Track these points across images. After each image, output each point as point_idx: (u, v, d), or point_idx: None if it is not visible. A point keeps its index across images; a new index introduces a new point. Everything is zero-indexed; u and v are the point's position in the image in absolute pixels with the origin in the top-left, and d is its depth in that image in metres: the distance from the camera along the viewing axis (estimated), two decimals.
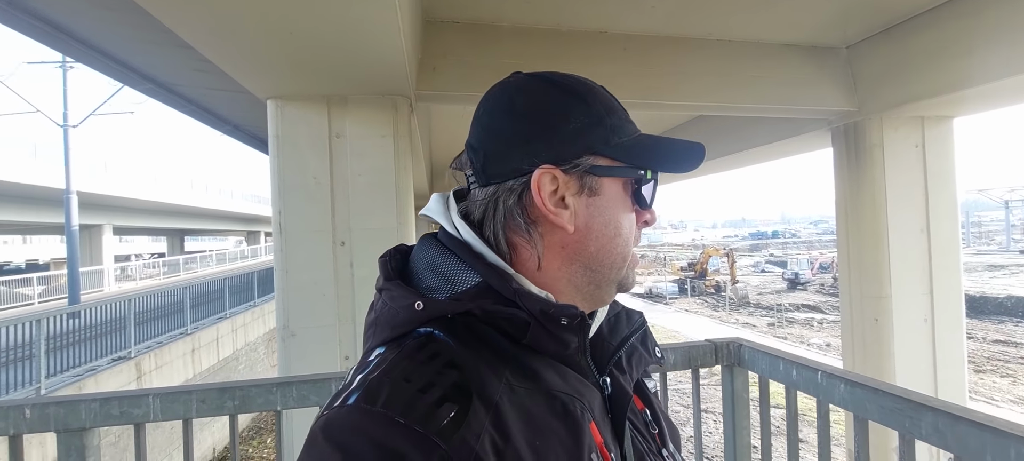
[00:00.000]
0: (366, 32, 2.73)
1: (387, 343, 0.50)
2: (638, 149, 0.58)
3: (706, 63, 4.32)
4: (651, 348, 0.68)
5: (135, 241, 52.06)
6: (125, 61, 5.44)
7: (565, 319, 0.51)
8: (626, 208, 0.58)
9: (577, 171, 0.56)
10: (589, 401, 0.52)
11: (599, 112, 0.57)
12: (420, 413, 0.41)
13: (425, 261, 0.57)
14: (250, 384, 1.16)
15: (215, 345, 9.57)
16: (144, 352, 7.36)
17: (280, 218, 3.69)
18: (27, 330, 5.85)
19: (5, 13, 3.94)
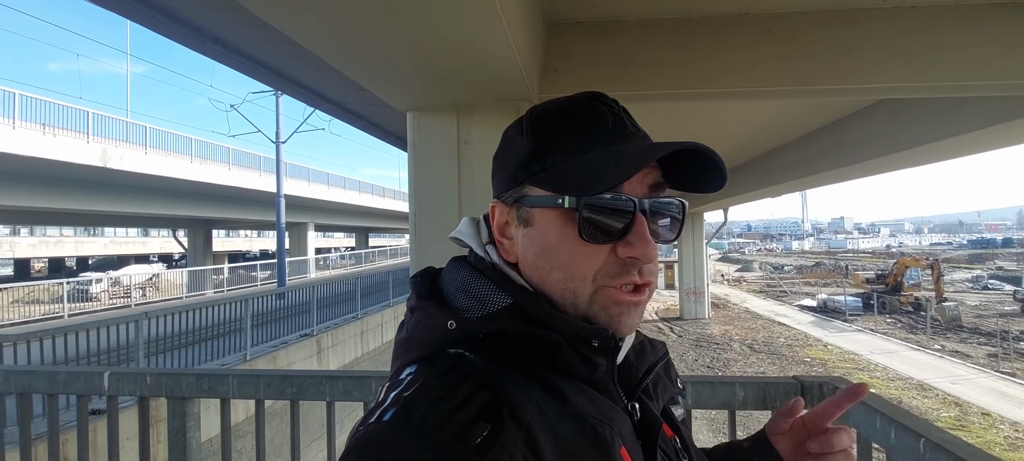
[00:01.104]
0: (480, 45, 2.87)
1: (419, 362, 0.52)
2: (567, 173, 0.55)
3: (878, 37, 3.62)
4: (674, 378, 0.69)
5: (335, 237, 61.80)
6: (310, 87, 6.52)
7: (596, 341, 0.52)
8: (566, 240, 0.55)
9: (512, 203, 0.59)
10: (619, 426, 0.52)
11: (529, 142, 0.58)
12: (454, 431, 0.42)
13: (456, 283, 0.60)
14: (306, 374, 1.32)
15: (380, 329, 10.96)
16: (324, 331, 8.75)
17: (415, 219, 4.06)
18: (239, 308, 7.36)
19: (237, 61, 5.04)
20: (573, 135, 0.57)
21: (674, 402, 0.69)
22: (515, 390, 0.48)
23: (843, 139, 7.05)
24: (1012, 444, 10.45)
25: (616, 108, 0.60)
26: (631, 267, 0.54)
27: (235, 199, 19.99)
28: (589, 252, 0.54)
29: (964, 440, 0.95)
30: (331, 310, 9.36)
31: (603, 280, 0.54)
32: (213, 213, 20.10)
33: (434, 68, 3.29)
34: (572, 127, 0.57)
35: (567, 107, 0.60)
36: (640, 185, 0.55)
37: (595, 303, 0.54)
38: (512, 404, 0.46)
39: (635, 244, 0.53)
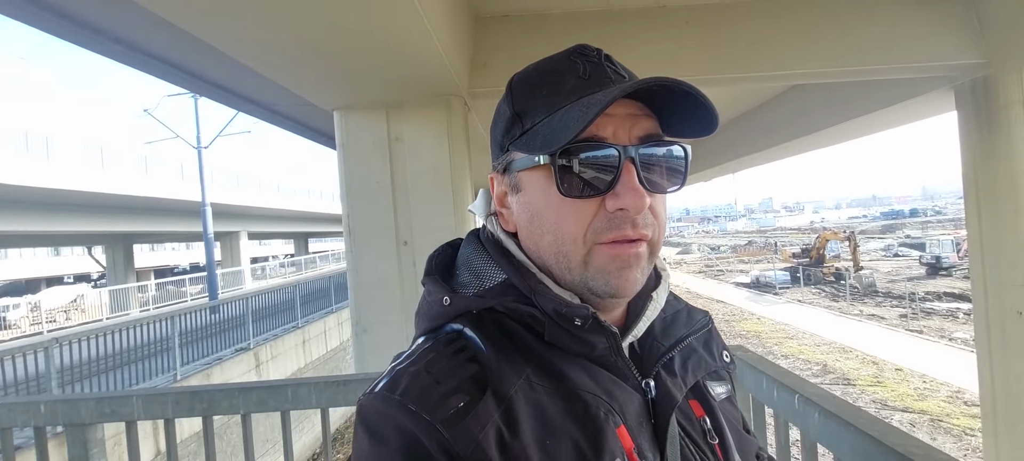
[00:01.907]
0: (401, 40, 2.80)
1: (424, 335, 0.54)
2: (542, 130, 0.53)
3: (789, 26, 3.84)
4: (717, 351, 0.65)
5: (271, 244, 58.92)
6: (231, 88, 6.14)
7: (578, 320, 0.50)
8: (551, 199, 0.53)
9: (503, 171, 0.58)
10: (621, 404, 0.51)
11: (516, 103, 0.57)
12: (430, 402, 0.45)
13: (463, 257, 0.61)
14: (216, 389, 1.25)
15: (323, 337, 10.56)
16: (262, 343, 8.33)
17: (349, 221, 3.93)
18: (165, 326, 6.88)
19: (144, 61, 4.65)
20: (548, 92, 0.55)
21: (717, 378, 0.64)
22: (504, 365, 0.49)
23: (763, 123, 7.49)
24: (921, 394, 11.55)
25: (595, 57, 0.57)
26: (622, 221, 0.51)
27: (156, 210, 18.56)
28: (575, 209, 0.52)
29: (832, 394, 1.02)
30: (269, 321, 8.91)
31: (594, 238, 0.51)
32: (132, 226, 18.59)
33: (356, 66, 3.18)
34: (547, 84, 0.55)
35: (543, 65, 0.58)
36: (627, 133, 0.52)
37: (590, 265, 0.52)
38: (497, 379, 0.47)
39: (622, 194, 0.50)
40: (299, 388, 1.24)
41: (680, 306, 0.64)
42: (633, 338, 0.57)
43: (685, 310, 0.64)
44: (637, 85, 0.49)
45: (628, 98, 0.53)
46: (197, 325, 7.80)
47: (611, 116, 0.52)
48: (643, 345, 0.58)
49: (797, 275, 26.76)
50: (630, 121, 0.53)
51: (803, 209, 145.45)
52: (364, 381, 1.26)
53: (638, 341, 0.58)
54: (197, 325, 7.80)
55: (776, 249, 39.96)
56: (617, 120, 0.52)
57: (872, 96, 5.19)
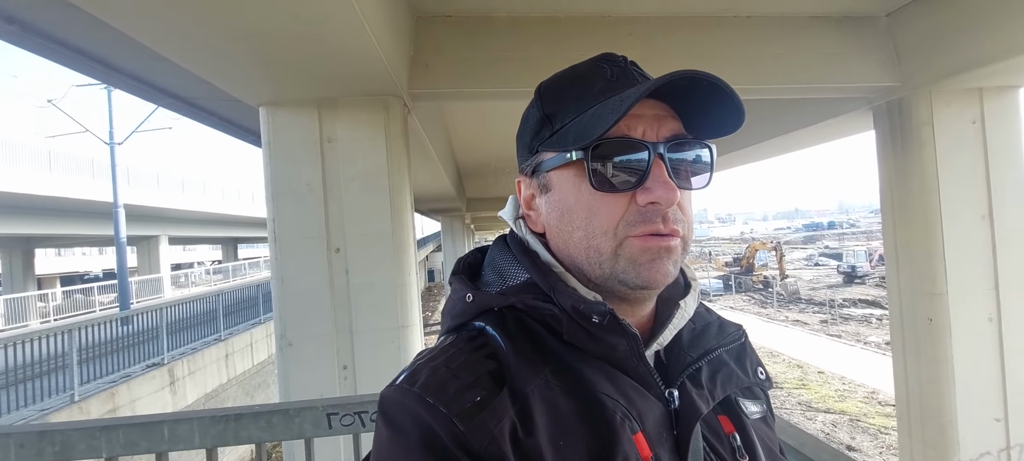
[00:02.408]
0: (333, 33, 2.59)
1: (449, 332, 0.57)
2: (573, 128, 0.55)
3: (724, 43, 3.95)
4: (750, 368, 0.63)
5: (197, 249, 55.15)
6: (148, 80, 5.60)
7: (596, 317, 0.51)
8: (582, 196, 0.54)
9: (531, 173, 0.60)
10: (640, 411, 0.51)
11: (546, 106, 0.58)
12: (447, 397, 0.46)
13: (489, 258, 0.63)
14: (72, 428, 1.02)
15: (249, 350, 9.84)
16: (178, 358, 7.62)
17: (274, 225, 3.63)
18: (62, 340, 6.14)
19: (44, 46, 4.10)
20: (577, 93, 0.57)
21: (751, 395, 0.63)
22: (523, 363, 0.50)
23: None
24: (841, 395, 12.36)
25: (621, 63, 0.59)
26: (653, 214, 0.52)
27: (62, 211, 16.72)
28: (606, 203, 0.53)
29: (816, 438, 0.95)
30: (188, 333, 8.15)
31: (625, 231, 0.53)
32: (33, 229, 16.65)
33: (284, 58, 2.92)
34: (576, 87, 0.57)
35: (571, 71, 0.60)
36: (656, 131, 0.54)
37: (621, 257, 0.53)
38: (515, 376, 0.48)
39: (653, 188, 0.52)
40: (178, 424, 1.03)
41: (712, 318, 0.63)
42: (659, 346, 0.57)
43: (717, 322, 0.63)
44: (669, 78, 0.49)
45: (654, 100, 0.54)
46: (104, 338, 7.02)
47: (640, 116, 0.53)
48: (669, 354, 0.58)
49: (730, 283, 28.17)
50: (657, 122, 0.54)
51: (734, 220, 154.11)
52: (261, 414, 1.06)
53: (664, 350, 0.58)
54: (104, 338, 7.02)
55: (710, 258, 41.96)
56: (646, 121, 0.54)
57: (798, 114, 5.46)
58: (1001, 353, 3.80)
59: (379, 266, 3.62)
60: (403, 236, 3.71)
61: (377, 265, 3.62)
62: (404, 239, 3.72)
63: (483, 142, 8.60)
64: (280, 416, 1.05)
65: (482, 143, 8.68)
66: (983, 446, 3.66)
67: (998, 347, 3.80)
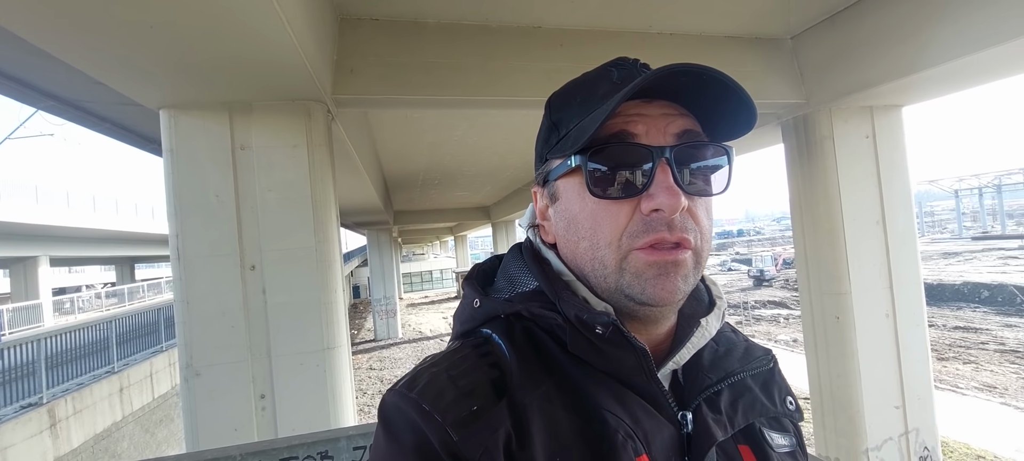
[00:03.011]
0: (244, 28, 2.35)
1: (458, 337, 0.57)
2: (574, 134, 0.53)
3: (649, 57, 3.88)
4: (779, 397, 0.59)
5: (86, 271, 49.38)
6: (23, 79, 4.91)
7: (599, 328, 0.48)
8: (587, 204, 0.52)
9: (542, 182, 0.59)
10: (646, 432, 0.48)
11: (554, 115, 0.57)
12: (443, 404, 0.45)
13: (504, 265, 0.61)
14: None
15: (149, 381, 8.79)
16: (61, 395, 6.64)
17: (178, 242, 3.26)
18: None
19: None
20: (581, 98, 0.55)
21: (779, 427, 0.58)
22: (525, 374, 0.48)
23: None
24: None
25: (629, 65, 0.56)
26: (658, 223, 0.49)
27: None
28: (609, 212, 0.50)
29: None
30: (75, 366, 7.11)
31: (629, 242, 0.50)
32: None
33: (191, 57, 2.61)
34: (581, 92, 0.56)
35: (581, 78, 0.58)
36: (661, 133, 0.51)
37: (626, 271, 0.50)
38: (516, 387, 0.47)
39: (656, 194, 0.49)
40: None
41: (738, 340, 0.61)
42: (675, 365, 0.54)
43: (743, 345, 0.60)
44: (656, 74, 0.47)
45: (663, 100, 0.51)
46: None
47: (643, 115, 0.51)
48: (687, 375, 0.55)
49: None
50: (664, 120, 0.51)
51: None
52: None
53: (682, 371, 0.55)
54: None
55: None
56: (650, 120, 0.51)
57: None
58: (897, 346, 4.19)
59: (301, 284, 3.35)
60: (328, 251, 3.46)
61: (299, 283, 3.35)
62: (329, 254, 3.47)
63: (412, 152, 8.38)
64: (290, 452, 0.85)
65: (411, 153, 8.45)
66: (886, 432, 3.99)
67: (895, 341, 4.19)
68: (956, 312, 18.42)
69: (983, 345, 14.38)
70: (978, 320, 17.05)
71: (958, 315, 18.00)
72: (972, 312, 18.23)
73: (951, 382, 11.69)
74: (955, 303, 19.55)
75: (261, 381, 3.32)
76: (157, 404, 8.92)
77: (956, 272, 23.58)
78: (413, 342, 19.76)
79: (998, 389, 11.14)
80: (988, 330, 15.78)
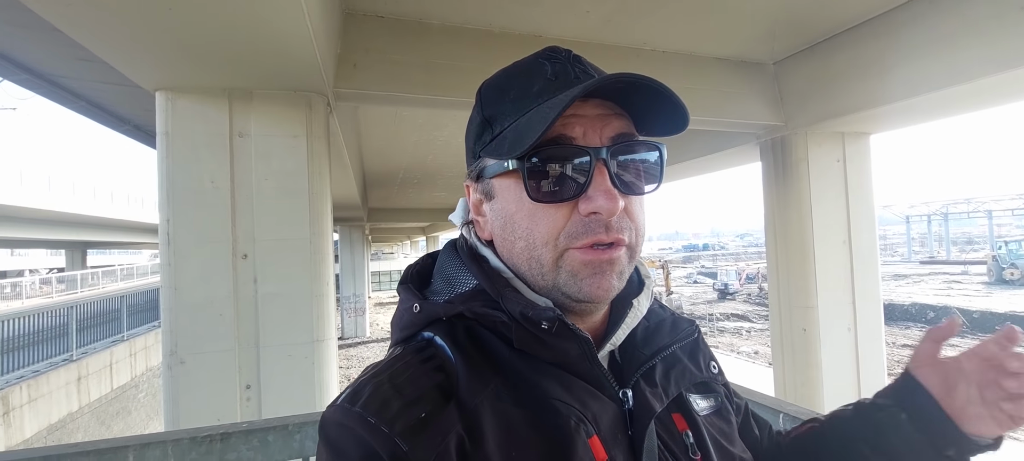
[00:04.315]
0: (264, 16, 2.38)
1: (397, 343, 0.54)
2: (510, 134, 0.52)
3: (641, 72, 4.24)
4: (704, 363, 0.62)
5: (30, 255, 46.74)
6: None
7: (545, 323, 0.49)
8: (523, 204, 0.51)
9: (476, 178, 0.57)
10: (594, 414, 0.49)
11: (479, 111, 0.56)
12: (390, 414, 0.44)
13: (439, 265, 0.59)
14: None
15: (108, 372, 8.43)
16: (14, 383, 6.32)
17: (168, 227, 3.21)
18: None
19: None
20: (515, 95, 0.53)
21: (703, 390, 0.62)
22: (472, 374, 0.47)
23: None
24: None
25: (561, 58, 0.55)
26: (595, 225, 0.50)
27: None
28: (547, 214, 0.50)
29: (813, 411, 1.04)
30: (28, 353, 6.76)
31: (566, 242, 0.50)
32: None
33: (201, 37, 2.60)
34: (514, 87, 0.54)
35: (512, 69, 0.57)
36: (598, 134, 0.51)
37: (562, 270, 0.51)
38: (463, 388, 0.46)
39: (594, 197, 0.49)
40: (147, 449, 0.82)
41: (665, 314, 0.62)
42: (612, 346, 0.55)
43: (670, 318, 0.62)
44: (597, 83, 0.47)
45: (599, 98, 0.52)
46: None
47: (580, 117, 0.50)
48: (624, 353, 0.57)
49: None
50: (600, 122, 0.51)
51: None
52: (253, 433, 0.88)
53: (619, 349, 0.57)
54: None
55: None
56: (587, 121, 0.51)
57: (697, 144, 6.04)
58: (857, 358, 4.47)
59: (294, 275, 3.35)
60: (322, 243, 3.47)
61: (291, 274, 3.34)
62: (323, 246, 3.48)
63: (394, 150, 8.36)
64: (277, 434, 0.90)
65: (393, 151, 8.43)
66: None
67: (855, 353, 4.47)
68: (905, 331, 19.45)
69: None
70: None
71: (906, 334, 19.01)
72: (919, 332, 19.29)
73: None
74: (904, 323, 20.64)
75: (247, 371, 3.30)
76: (115, 395, 8.56)
77: (905, 293, 24.90)
78: (381, 341, 19.53)
79: None
80: None
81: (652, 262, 36.13)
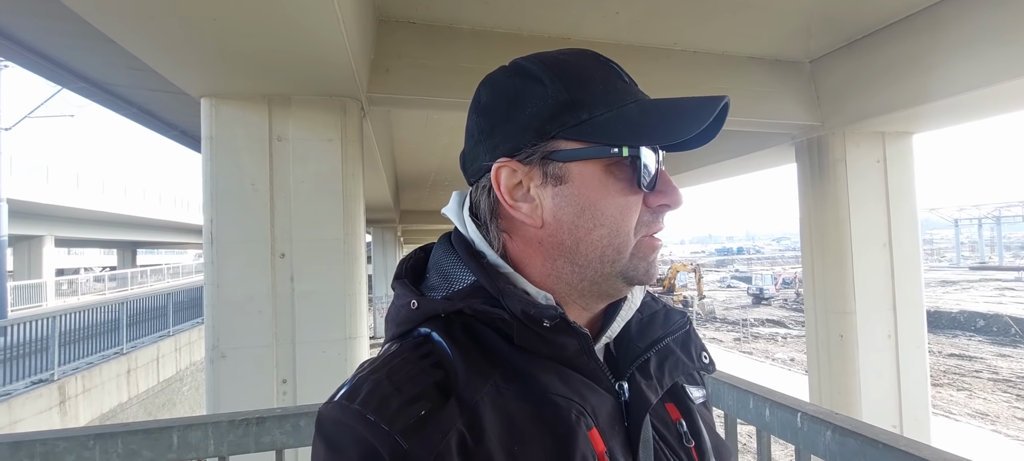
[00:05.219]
0: (302, 26, 2.48)
1: (393, 340, 0.53)
2: (615, 123, 0.52)
3: (670, 73, 4.22)
4: (695, 353, 0.63)
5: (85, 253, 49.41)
6: (55, 58, 5.03)
7: (547, 321, 0.49)
8: (611, 193, 0.52)
9: (536, 159, 0.53)
10: (593, 407, 0.51)
11: (561, 91, 0.53)
12: (389, 412, 0.43)
13: (434, 260, 0.59)
14: None
15: (155, 365, 8.86)
16: (71, 374, 6.72)
17: (211, 227, 3.37)
18: None
19: None
20: (604, 87, 0.53)
21: (694, 381, 0.64)
22: (471, 370, 0.48)
23: None
24: None
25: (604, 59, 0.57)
26: (661, 215, 0.55)
27: None
28: (633, 204, 0.53)
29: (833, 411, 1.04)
30: (83, 345, 7.19)
31: (642, 230, 0.54)
32: None
33: (238, 46, 2.74)
34: (600, 79, 0.54)
35: (581, 61, 0.55)
36: None
37: (636, 255, 0.54)
38: (463, 384, 0.46)
39: (667, 192, 0.54)
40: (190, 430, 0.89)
41: (657, 307, 0.64)
42: (608, 339, 0.57)
43: (663, 311, 0.63)
44: (722, 104, 0.50)
45: None
46: None
47: None
48: (619, 346, 0.58)
49: None
50: None
51: None
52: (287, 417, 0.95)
53: (614, 342, 0.58)
54: None
55: None
56: None
57: (731, 145, 5.92)
58: (897, 367, 4.30)
59: (328, 274, 3.46)
60: (354, 244, 3.58)
61: (326, 273, 3.46)
62: (355, 247, 3.59)
63: (425, 153, 8.50)
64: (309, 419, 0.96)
65: (424, 154, 8.57)
66: None
67: (895, 361, 4.30)
68: (952, 340, 18.52)
69: (977, 373, 14.49)
70: (973, 349, 17.17)
71: (954, 343, 18.10)
72: (967, 340, 18.34)
73: (945, 408, 11.79)
74: (951, 331, 19.66)
75: (284, 366, 3.42)
76: (161, 388, 8.99)
77: (953, 300, 23.71)
78: None
79: (990, 417, 11.24)
80: (982, 359, 15.89)
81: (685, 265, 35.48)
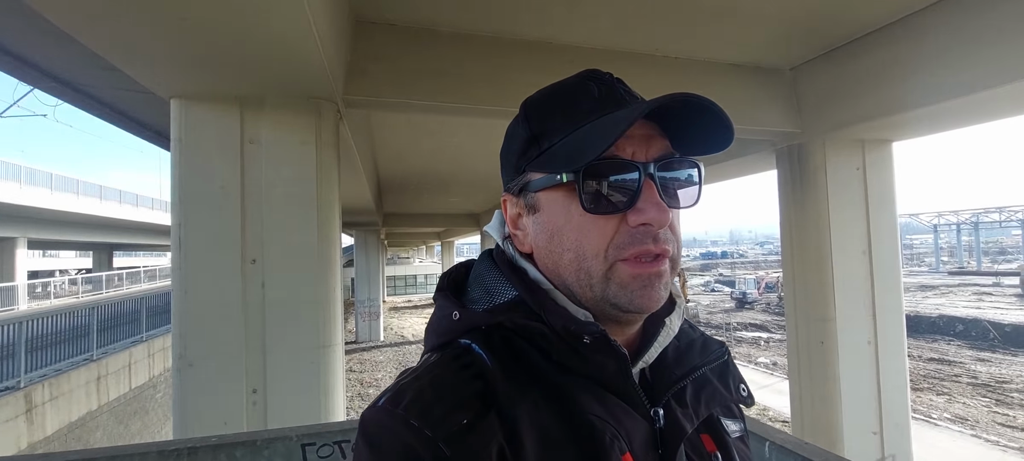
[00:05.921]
0: (271, 26, 2.39)
1: (433, 350, 0.54)
2: (564, 149, 0.54)
3: (652, 79, 4.20)
4: (733, 385, 0.63)
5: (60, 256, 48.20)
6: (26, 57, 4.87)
7: (587, 337, 0.50)
8: (572, 217, 0.53)
9: (518, 192, 0.58)
10: (628, 431, 0.50)
11: (533, 125, 0.57)
12: (433, 419, 0.44)
13: (476, 274, 0.60)
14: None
15: (127, 372, 8.61)
16: (38, 381, 6.49)
17: (180, 231, 3.26)
18: None
19: None
20: (564, 113, 0.55)
21: (731, 414, 0.63)
22: (511, 384, 0.48)
23: None
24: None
25: (607, 80, 0.58)
26: (644, 235, 0.52)
27: None
28: (598, 225, 0.52)
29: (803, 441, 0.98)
30: (52, 352, 6.95)
31: (616, 253, 0.52)
32: None
33: (210, 49, 2.64)
34: (563, 106, 0.56)
35: (557, 88, 0.58)
36: (644, 151, 0.53)
37: (612, 281, 0.52)
38: (503, 396, 0.47)
39: (645, 208, 0.52)
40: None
41: (695, 335, 0.63)
42: (644, 364, 0.56)
43: (701, 340, 0.63)
44: (663, 101, 0.49)
45: (642, 119, 0.53)
46: None
47: (629, 137, 0.53)
48: (654, 372, 0.57)
49: None
50: (646, 141, 0.54)
51: None
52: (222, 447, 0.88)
53: (649, 368, 0.57)
54: None
55: None
56: (635, 141, 0.53)
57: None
58: (877, 373, 4.31)
59: (301, 280, 3.36)
60: (329, 249, 3.49)
61: (299, 279, 3.36)
62: (330, 252, 3.49)
63: (409, 156, 8.41)
64: (245, 449, 0.89)
65: (408, 157, 8.48)
66: (864, 458, 4.10)
67: (875, 368, 4.31)
68: (931, 344, 18.84)
69: (956, 378, 14.75)
70: (952, 353, 17.48)
71: (933, 347, 18.41)
72: (946, 345, 18.68)
73: (925, 412, 11.96)
74: (930, 335, 20.00)
75: (254, 375, 3.31)
76: (133, 395, 8.73)
77: (932, 305, 24.15)
78: (394, 346, 19.62)
79: (970, 421, 11.43)
80: (962, 363, 16.18)
81: None
